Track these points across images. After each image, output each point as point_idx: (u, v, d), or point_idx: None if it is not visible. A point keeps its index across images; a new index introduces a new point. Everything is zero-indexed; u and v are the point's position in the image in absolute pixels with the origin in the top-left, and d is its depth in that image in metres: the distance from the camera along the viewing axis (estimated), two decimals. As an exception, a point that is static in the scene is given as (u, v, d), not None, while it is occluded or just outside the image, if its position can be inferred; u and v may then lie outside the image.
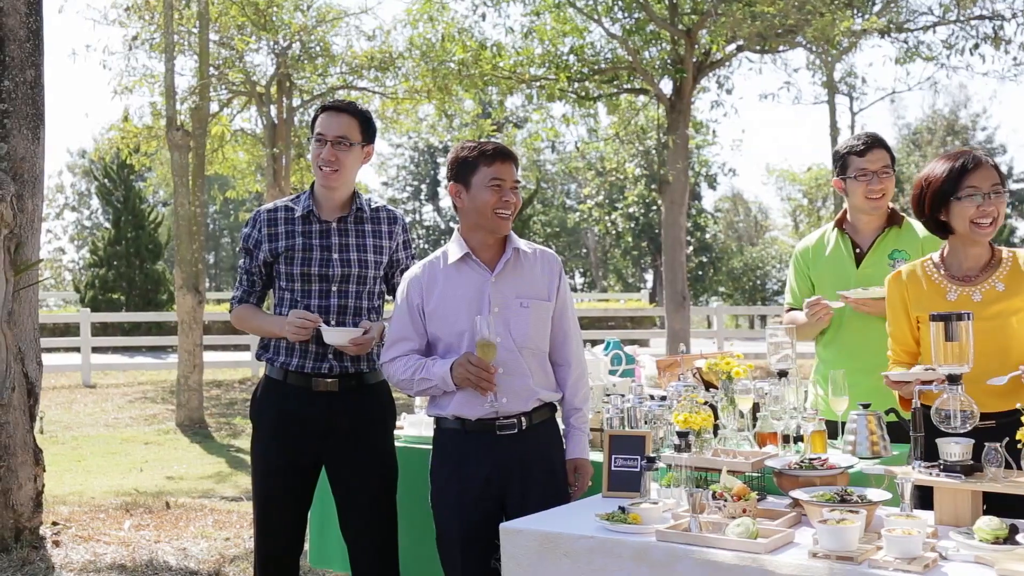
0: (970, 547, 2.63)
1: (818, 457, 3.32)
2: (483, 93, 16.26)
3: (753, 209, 50.83)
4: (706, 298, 41.48)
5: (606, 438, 3.60)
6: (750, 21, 14.29)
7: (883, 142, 4.21)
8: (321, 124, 3.91)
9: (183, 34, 15.14)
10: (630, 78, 16.53)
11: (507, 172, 3.55)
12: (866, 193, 4.16)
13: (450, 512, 3.60)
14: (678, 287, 16.06)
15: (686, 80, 15.66)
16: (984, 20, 16.56)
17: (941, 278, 3.39)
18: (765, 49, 16.53)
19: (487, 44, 15.60)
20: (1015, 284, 3.27)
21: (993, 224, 3.27)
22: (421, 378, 3.57)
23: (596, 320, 22.81)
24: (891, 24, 16.71)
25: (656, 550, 2.83)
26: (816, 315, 4.12)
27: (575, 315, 3.77)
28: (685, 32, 15.29)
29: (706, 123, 20.24)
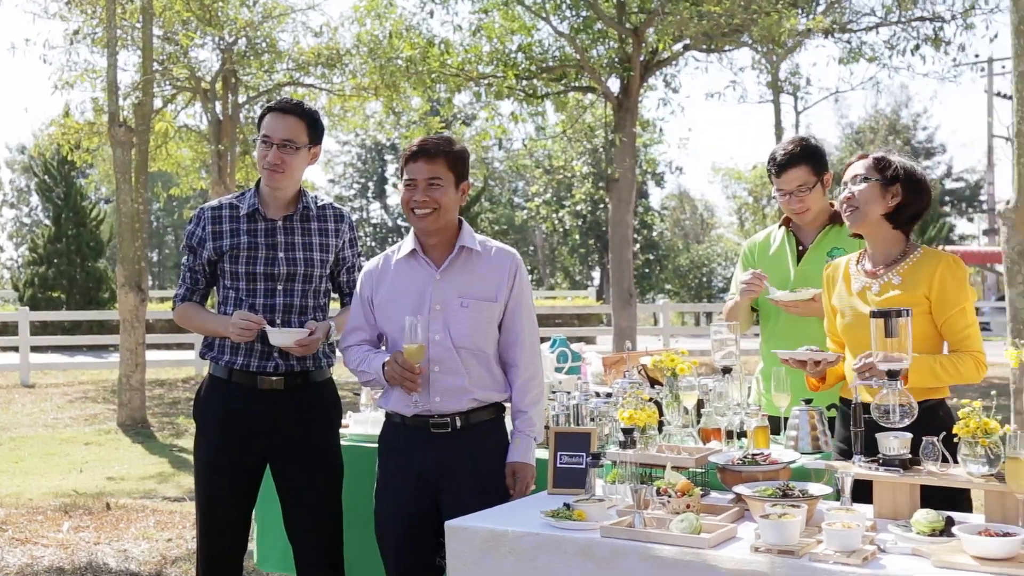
0: (908, 540, 2.67)
1: (761, 452, 3.36)
2: (431, 90, 16.19)
3: (699, 207, 51.25)
4: (653, 295, 41.73)
5: (551, 435, 3.60)
6: (696, 20, 14.39)
7: (801, 157, 4.17)
8: (267, 126, 3.85)
9: (126, 28, 14.92)
10: (578, 76, 16.57)
11: (419, 171, 3.52)
12: (788, 210, 4.24)
13: (387, 505, 3.63)
14: (625, 284, 16.13)
15: (633, 79, 15.73)
16: (925, 22, 16.84)
17: (856, 270, 3.48)
18: (711, 48, 16.65)
19: (435, 41, 15.54)
20: (911, 279, 3.34)
21: (854, 210, 3.39)
22: (362, 370, 3.65)
23: (543, 318, 22.84)
24: (835, 24, 16.92)
25: (601, 546, 2.84)
26: (749, 284, 4.16)
27: (532, 316, 3.72)
28: (632, 31, 15.36)
29: (653, 121, 20.37)
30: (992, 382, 13.40)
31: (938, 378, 3.26)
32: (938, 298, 3.31)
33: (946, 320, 3.32)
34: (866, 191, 3.36)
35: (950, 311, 3.31)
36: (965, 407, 2.84)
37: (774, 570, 2.59)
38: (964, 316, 3.32)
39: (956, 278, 3.32)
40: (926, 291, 3.31)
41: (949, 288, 3.30)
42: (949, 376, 3.27)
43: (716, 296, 39.67)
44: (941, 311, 3.31)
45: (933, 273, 3.32)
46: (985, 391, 3.06)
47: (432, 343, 3.54)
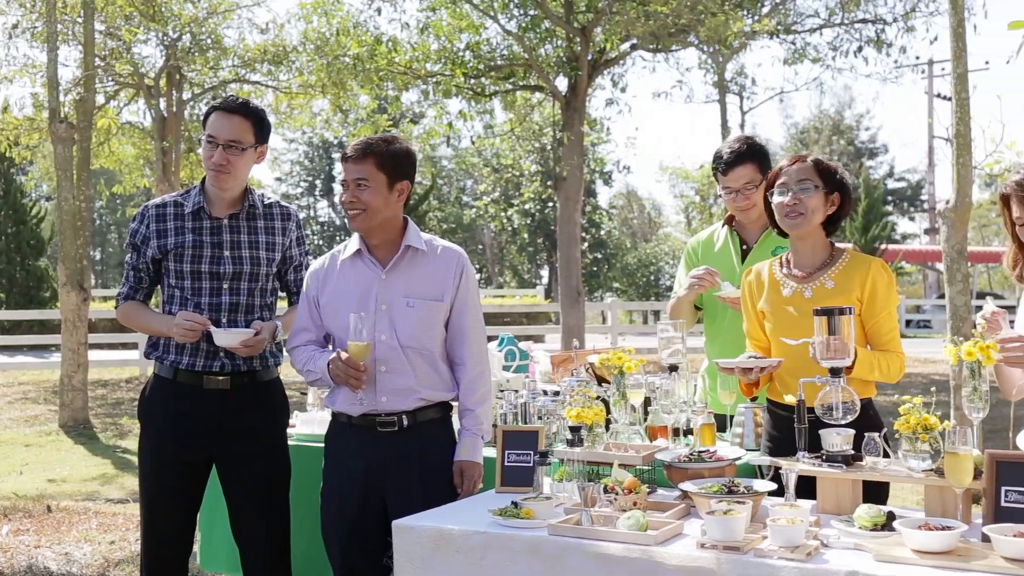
0: (850, 534, 2.71)
1: (707, 450, 3.39)
2: (379, 88, 16.11)
3: (647, 206, 51.58)
4: (601, 294, 41.92)
5: (499, 433, 3.60)
6: (644, 20, 14.47)
7: (748, 154, 4.22)
8: (213, 126, 3.81)
9: (67, 23, 14.67)
10: (526, 75, 16.58)
11: (348, 171, 3.54)
12: (734, 208, 4.27)
13: (332, 505, 3.62)
14: (573, 283, 16.18)
15: (581, 78, 15.78)
16: (867, 24, 17.10)
17: (783, 276, 3.51)
18: (658, 48, 16.76)
19: (382, 39, 15.47)
20: (845, 282, 3.39)
21: (802, 217, 3.39)
22: (308, 370, 3.64)
23: (492, 316, 22.83)
24: (780, 26, 17.12)
25: (548, 544, 2.85)
26: (700, 280, 4.19)
27: (478, 315, 3.72)
28: (580, 30, 15.41)
29: (601, 121, 20.45)
30: (932, 379, 13.63)
31: (872, 370, 3.33)
32: (869, 300, 3.37)
33: (875, 322, 3.38)
34: (813, 198, 3.40)
35: (880, 313, 3.38)
36: (906, 404, 2.89)
37: (720, 566, 2.61)
38: (891, 319, 3.41)
39: (886, 282, 3.40)
40: (859, 294, 3.37)
41: (880, 291, 3.38)
42: (881, 371, 3.35)
43: (664, 295, 39.94)
44: (871, 313, 3.38)
45: (866, 277, 3.38)
46: (925, 387, 3.12)
47: (378, 343, 3.53)
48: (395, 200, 3.58)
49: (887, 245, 32.14)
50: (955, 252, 7.92)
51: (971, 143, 7.91)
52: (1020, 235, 3.07)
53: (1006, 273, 3.29)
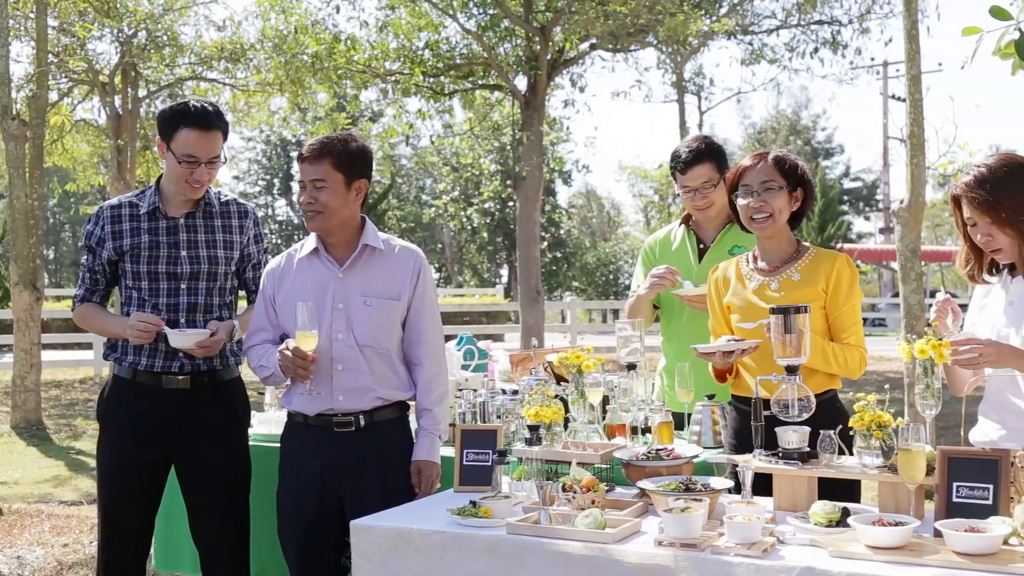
0: (806, 531, 2.73)
1: (665, 448, 3.41)
2: (337, 86, 16.02)
3: (606, 205, 51.74)
4: (560, 293, 41.99)
5: (457, 433, 3.60)
6: (603, 20, 14.51)
7: (706, 153, 4.25)
8: (191, 144, 3.71)
9: (19, 19, 14.44)
10: (485, 74, 16.57)
11: (305, 172, 3.52)
12: (692, 207, 4.30)
13: (289, 506, 3.61)
14: (532, 282, 16.19)
15: (540, 77, 15.79)
16: (823, 25, 17.27)
17: (749, 270, 3.56)
18: (617, 48, 16.81)
19: (341, 37, 15.39)
20: (811, 275, 3.45)
21: (770, 219, 3.42)
22: (262, 365, 3.63)
23: (451, 315, 22.80)
24: (737, 27, 17.25)
25: (507, 543, 2.85)
26: (661, 278, 4.20)
27: (436, 315, 3.71)
28: (539, 29, 15.42)
29: (560, 120, 20.48)
30: (887, 376, 13.80)
31: (827, 361, 3.36)
32: (834, 292, 3.42)
33: (838, 315, 3.43)
34: (778, 198, 3.43)
35: (843, 306, 3.43)
36: (860, 401, 2.92)
37: (677, 563, 2.62)
38: (854, 313, 3.46)
39: (850, 276, 3.46)
40: (824, 286, 3.43)
41: (844, 284, 3.43)
42: (837, 363, 3.38)
43: (623, 294, 40.08)
44: (835, 305, 3.43)
45: (831, 270, 3.43)
46: (880, 385, 3.16)
47: (335, 342, 3.52)
48: (353, 199, 3.57)
49: (843, 244, 32.48)
50: (909, 251, 8.02)
51: (924, 144, 8.02)
52: (971, 235, 3.11)
53: (958, 272, 3.34)
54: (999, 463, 2.70)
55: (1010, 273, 3.13)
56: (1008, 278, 3.13)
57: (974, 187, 3.03)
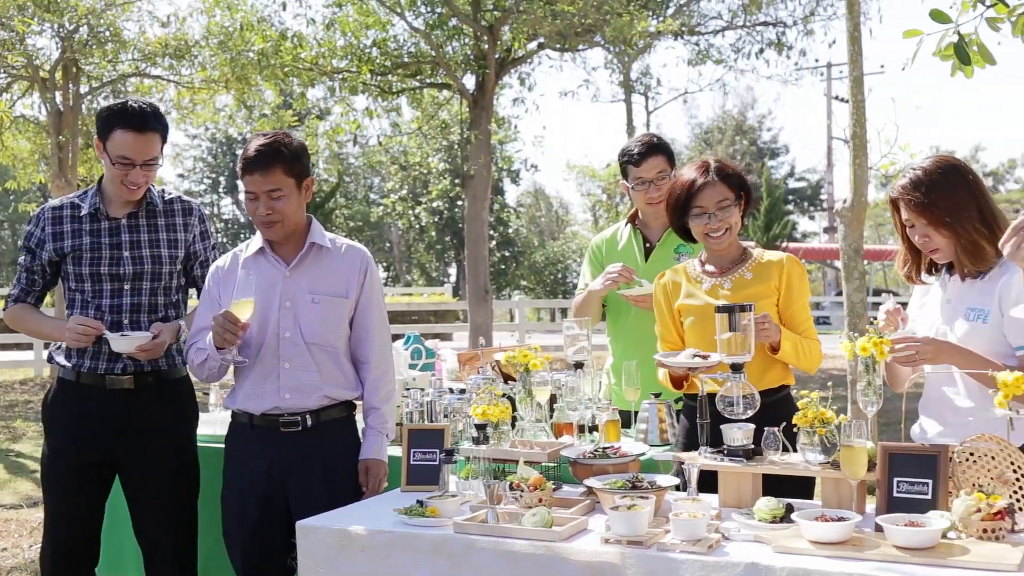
0: (750, 527, 2.76)
1: (611, 446, 3.42)
2: (284, 84, 15.89)
3: (554, 204, 51.87)
4: (509, 292, 42.05)
5: (405, 432, 3.59)
6: (550, 19, 14.54)
7: (659, 147, 4.32)
8: (127, 146, 3.66)
9: (-44, 13, 14.16)
10: (433, 73, 16.52)
11: (256, 184, 3.46)
12: (645, 200, 4.32)
13: (234, 507, 3.58)
14: (481, 281, 16.19)
15: (488, 76, 15.78)
16: (768, 27, 17.46)
17: (699, 273, 3.59)
18: (565, 47, 16.86)
19: (288, 34, 15.26)
20: (763, 273, 3.51)
21: (726, 233, 3.48)
22: (199, 348, 3.56)
23: (399, 314, 22.73)
24: (684, 27, 17.38)
25: (454, 542, 2.85)
26: (619, 274, 4.22)
27: (383, 313, 3.71)
28: (487, 28, 15.41)
29: (508, 119, 20.50)
30: (831, 373, 13.99)
31: (797, 354, 3.42)
32: (786, 290, 3.48)
33: (792, 312, 3.48)
34: (733, 214, 3.48)
35: (795, 303, 3.50)
36: (804, 398, 2.95)
37: (624, 560, 2.64)
38: (805, 309, 3.53)
39: (799, 274, 3.53)
40: (777, 283, 3.48)
41: (795, 281, 3.49)
42: (805, 356, 3.45)
43: (571, 293, 40.21)
44: (787, 303, 3.48)
45: (781, 268, 3.50)
46: (823, 382, 3.20)
47: (282, 340, 3.50)
48: (304, 199, 3.57)
49: (788, 243, 32.85)
50: (852, 250, 8.12)
51: (867, 144, 8.12)
52: (909, 236, 3.16)
53: (898, 272, 3.40)
54: (938, 458, 2.75)
55: (948, 272, 3.19)
56: (946, 277, 3.19)
57: (910, 189, 3.08)
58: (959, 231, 3.04)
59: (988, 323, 3.02)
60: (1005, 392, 2.68)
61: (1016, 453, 2.73)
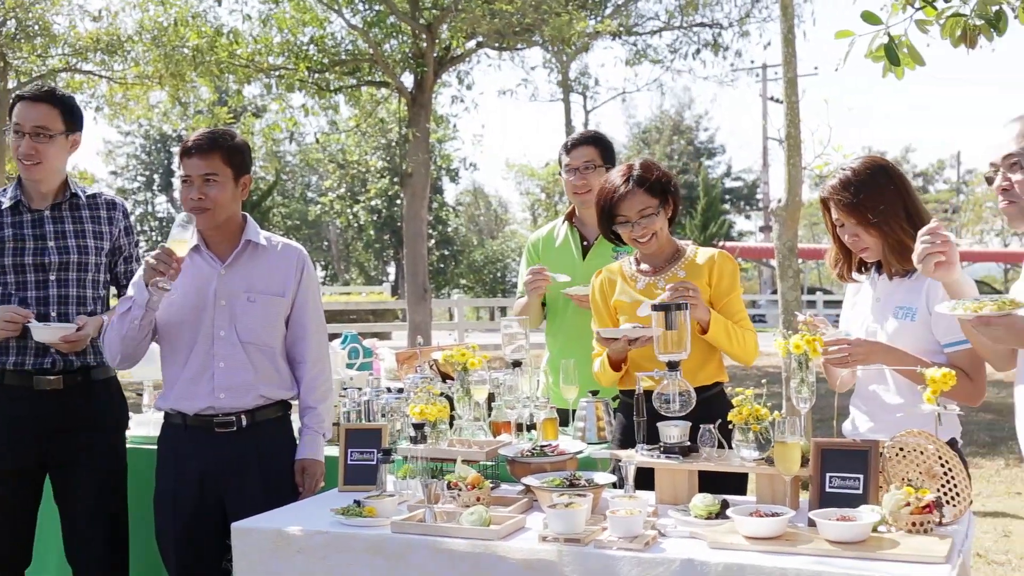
0: (686, 523, 2.79)
1: (549, 444, 3.43)
2: (219, 80, 15.71)
3: (493, 203, 51.92)
4: (448, 291, 42.00)
5: (342, 432, 3.56)
6: (489, 18, 14.55)
7: (592, 139, 4.40)
8: (17, 114, 3.69)
9: None
10: (371, 71, 16.45)
11: (194, 167, 3.44)
12: (572, 188, 4.36)
13: (167, 510, 3.52)
14: (419, 280, 16.15)
15: (427, 74, 15.75)
16: (705, 28, 17.66)
17: (634, 272, 3.64)
18: (504, 46, 16.89)
19: (223, 30, 15.08)
20: (695, 270, 3.57)
21: (652, 238, 3.53)
22: (124, 302, 3.47)
23: (337, 313, 22.58)
24: (622, 27, 17.50)
25: (391, 542, 2.84)
26: (534, 281, 4.25)
27: (319, 312, 3.69)
28: (426, 27, 15.37)
29: (447, 117, 20.48)
30: (766, 371, 14.18)
31: (730, 340, 3.46)
32: (717, 284, 3.54)
33: (725, 304, 3.54)
34: (656, 220, 3.52)
35: (727, 296, 3.55)
36: (739, 395, 2.99)
37: (561, 558, 2.65)
38: (739, 301, 3.59)
39: (731, 269, 3.58)
40: (708, 279, 3.53)
41: (726, 275, 3.55)
42: (739, 343, 3.48)
43: (510, 291, 40.29)
44: (719, 296, 3.54)
45: (712, 263, 3.56)
46: (758, 379, 3.23)
47: (217, 339, 3.47)
48: (240, 195, 3.54)
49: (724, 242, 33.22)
50: (786, 249, 8.24)
51: (801, 145, 8.25)
52: (840, 236, 3.21)
53: (830, 271, 3.45)
54: (868, 454, 2.79)
55: (877, 271, 3.24)
56: (876, 276, 3.24)
57: (840, 190, 3.13)
58: (887, 231, 3.09)
59: (916, 321, 3.08)
60: (933, 388, 2.73)
61: (944, 448, 2.78)
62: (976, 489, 7.80)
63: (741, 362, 3.57)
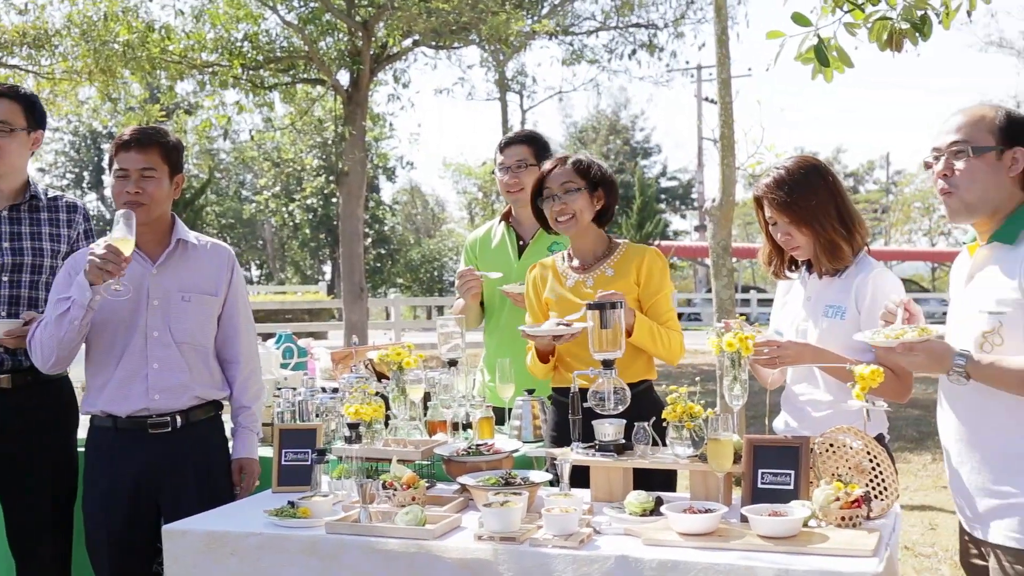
0: (621, 520, 2.81)
1: (485, 443, 3.43)
2: (151, 77, 15.45)
3: (431, 202, 51.80)
4: (385, 290, 41.81)
5: (276, 432, 3.53)
6: (425, 17, 14.51)
7: (526, 138, 4.41)
8: None
9: None
10: (306, 68, 16.31)
11: (131, 161, 3.40)
12: (506, 187, 4.37)
13: (99, 513, 3.46)
14: (356, 279, 16.05)
15: (363, 72, 15.66)
16: (640, 28, 17.80)
17: (565, 268, 3.66)
18: (440, 45, 16.86)
19: (155, 26, 14.84)
20: (623, 269, 3.59)
21: (572, 219, 3.56)
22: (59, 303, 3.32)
23: (273, 313, 22.33)
24: (558, 27, 17.57)
25: (325, 543, 2.82)
26: (465, 284, 4.25)
27: (248, 311, 3.69)
28: (362, 24, 15.28)
29: (383, 116, 20.37)
30: (701, 368, 14.34)
31: (653, 340, 3.47)
32: (646, 283, 3.56)
33: (653, 303, 3.56)
34: (578, 200, 3.54)
35: (656, 295, 3.58)
36: (673, 393, 3.01)
37: (496, 557, 2.65)
38: (668, 300, 3.61)
39: (660, 267, 3.61)
40: (635, 277, 3.56)
41: (655, 275, 3.57)
42: (662, 343, 3.50)
43: (448, 290, 40.20)
44: (648, 295, 3.56)
45: (641, 262, 3.58)
46: (692, 377, 3.27)
47: (150, 339, 3.42)
48: (172, 194, 3.52)
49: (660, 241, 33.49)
50: (720, 248, 8.33)
51: (735, 145, 8.36)
52: (772, 234, 3.25)
53: (763, 270, 3.49)
54: (799, 450, 2.84)
55: (808, 270, 3.29)
56: (807, 275, 3.29)
57: (773, 188, 3.17)
58: (818, 230, 3.14)
59: (846, 320, 3.13)
60: (862, 385, 2.78)
61: (872, 443, 2.83)
62: (904, 483, 7.97)
63: (665, 362, 3.61)
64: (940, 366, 2.62)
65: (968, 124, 2.71)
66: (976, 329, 2.65)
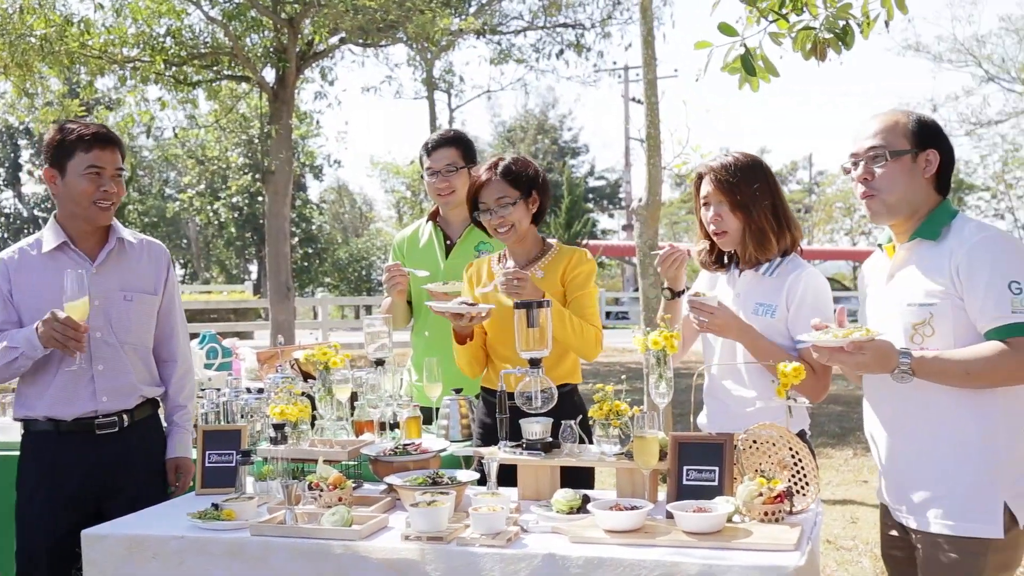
0: (548, 518, 2.82)
1: (412, 442, 3.42)
2: (70, 71, 15.09)
3: (358, 201, 51.45)
4: (312, 289, 41.43)
5: (200, 433, 3.48)
6: (352, 14, 14.40)
7: (452, 140, 4.37)
8: None
9: None
10: (231, 64, 16.08)
11: (107, 159, 3.37)
12: (436, 191, 4.35)
13: (36, 522, 3.36)
14: (282, 278, 15.88)
15: (289, 70, 15.50)
16: (568, 28, 17.88)
17: (499, 269, 3.67)
18: (367, 43, 16.75)
19: (73, 19, 14.50)
20: (552, 271, 3.63)
21: (511, 229, 3.59)
22: (5, 346, 3.29)
23: (198, 313, 21.97)
24: (486, 26, 17.57)
25: (250, 545, 2.79)
26: (392, 279, 4.24)
27: (182, 309, 3.70)
28: (288, 21, 15.12)
29: (310, 114, 20.20)
30: (628, 367, 14.44)
31: (563, 326, 3.47)
32: (571, 281, 3.60)
33: (575, 298, 3.60)
34: (515, 211, 3.57)
35: (578, 291, 3.61)
36: (599, 392, 3.03)
37: (424, 556, 2.64)
38: (590, 298, 3.64)
39: (585, 267, 3.64)
40: (561, 276, 3.59)
41: (581, 273, 3.61)
42: (575, 333, 3.51)
43: (376, 289, 39.99)
44: (572, 291, 3.61)
45: (569, 260, 3.63)
46: (619, 375, 3.29)
47: (94, 340, 3.35)
48: None
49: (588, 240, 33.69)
50: (647, 247, 8.40)
51: (661, 145, 8.43)
52: (703, 217, 3.30)
53: (695, 266, 3.53)
54: (723, 447, 2.88)
55: (736, 267, 3.34)
56: (735, 272, 3.34)
57: (719, 169, 3.24)
58: (752, 217, 3.20)
59: (775, 318, 3.19)
60: (784, 382, 2.83)
61: (794, 440, 2.88)
62: (825, 478, 8.12)
63: (581, 355, 3.63)
64: (886, 365, 2.68)
65: (884, 130, 2.81)
66: (904, 322, 2.74)
